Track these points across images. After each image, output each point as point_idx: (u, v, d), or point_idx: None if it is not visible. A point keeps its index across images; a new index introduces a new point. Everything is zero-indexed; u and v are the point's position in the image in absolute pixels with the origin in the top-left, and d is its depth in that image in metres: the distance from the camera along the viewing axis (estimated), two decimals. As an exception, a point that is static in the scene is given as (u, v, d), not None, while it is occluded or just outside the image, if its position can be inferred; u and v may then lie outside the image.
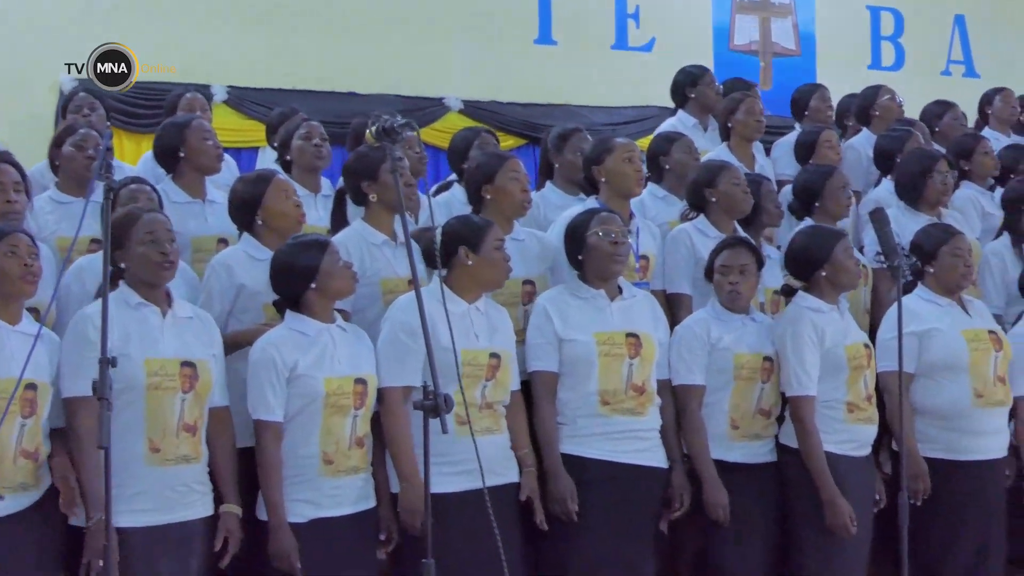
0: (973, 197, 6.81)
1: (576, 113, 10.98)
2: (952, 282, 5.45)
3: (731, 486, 5.04)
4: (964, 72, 12.76)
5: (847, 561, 5.08)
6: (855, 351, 5.15)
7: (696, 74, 7.39)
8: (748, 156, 6.87)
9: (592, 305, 4.97)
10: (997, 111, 8.21)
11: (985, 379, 5.34)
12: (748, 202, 5.70)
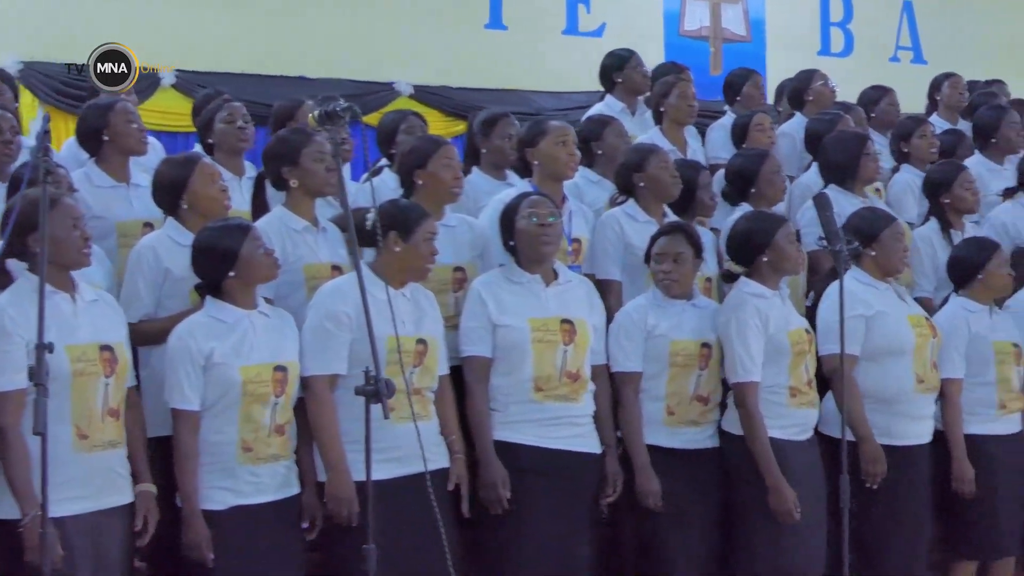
0: (910, 181, 6.84)
1: (527, 98, 11.02)
2: (891, 266, 5.47)
3: (667, 472, 5.03)
4: (912, 58, 12.84)
5: (796, 545, 5.07)
6: (797, 336, 5.16)
7: (623, 58, 7.35)
8: (681, 140, 6.86)
9: (527, 290, 4.94)
10: (945, 97, 8.24)
11: (925, 364, 5.38)
12: (677, 186, 5.66)
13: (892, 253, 5.45)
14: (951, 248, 6.02)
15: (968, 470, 5.50)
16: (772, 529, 5.02)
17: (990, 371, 5.61)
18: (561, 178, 5.56)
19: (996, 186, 6.83)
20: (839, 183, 6.28)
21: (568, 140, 5.53)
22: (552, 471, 4.83)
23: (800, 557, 5.10)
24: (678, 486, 5.04)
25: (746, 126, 6.90)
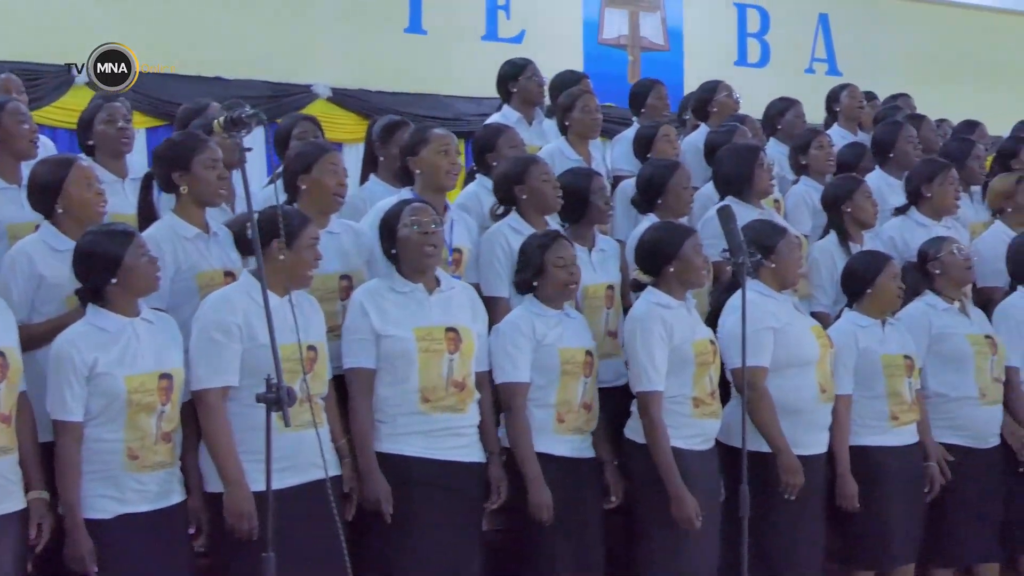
0: (806, 193, 6.91)
1: (445, 103, 11.07)
2: (788, 278, 5.53)
3: (557, 479, 5.03)
4: (827, 70, 13.02)
5: (694, 554, 5.12)
6: (702, 347, 5.19)
7: (519, 67, 7.26)
8: (586, 152, 6.84)
9: (410, 299, 4.88)
10: (844, 108, 8.29)
11: (826, 375, 5.44)
12: (557, 198, 5.62)
13: (789, 265, 5.51)
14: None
15: (851, 485, 5.55)
16: (672, 537, 5.07)
17: (880, 385, 5.67)
18: (442, 188, 5.49)
19: (894, 200, 6.89)
20: (735, 195, 6.29)
21: (450, 149, 5.46)
22: (441, 482, 4.81)
23: (697, 565, 5.15)
24: (566, 494, 5.04)
25: (650, 137, 6.87)
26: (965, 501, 5.88)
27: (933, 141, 7.78)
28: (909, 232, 6.50)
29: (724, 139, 6.83)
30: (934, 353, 5.93)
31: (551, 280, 5.16)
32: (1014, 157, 7.47)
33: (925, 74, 12.80)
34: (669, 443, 5.06)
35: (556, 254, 5.16)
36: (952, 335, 5.93)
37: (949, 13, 13.84)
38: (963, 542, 5.95)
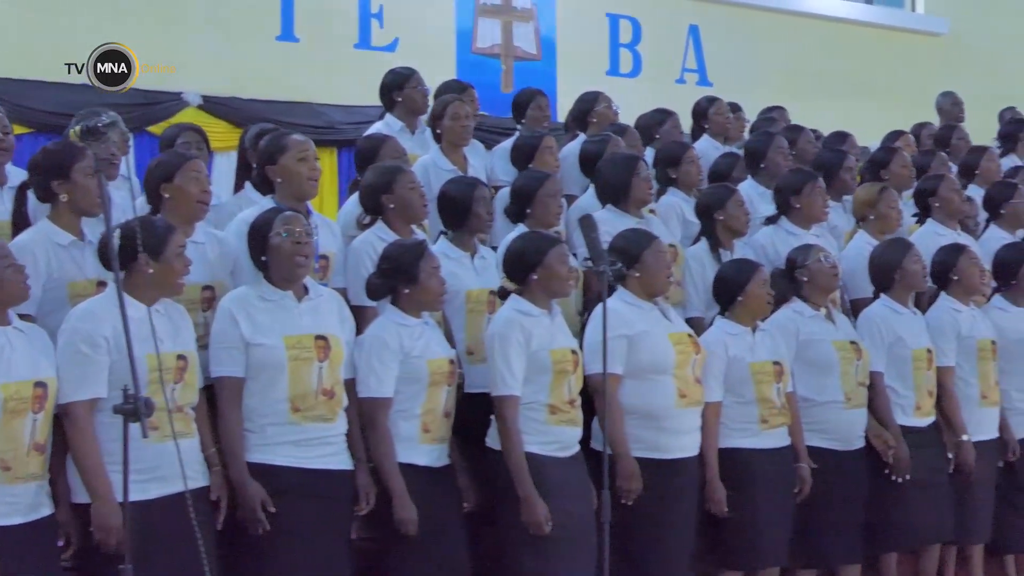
0: (676, 204, 6.99)
1: (318, 111, 10.99)
2: (655, 286, 5.59)
3: (423, 489, 5.04)
4: (698, 81, 13.17)
5: (555, 559, 5.15)
6: (561, 355, 5.23)
7: (403, 76, 7.31)
8: (460, 160, 6.87)
9: (280, 307, 4.85)
10: (711, 121, 8.44)
11: (687, 380, 5.50)
12: (423, 207, 5.69)
13: (655, 273, 5.57)
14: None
15: (720, 491, 5.65)
16: (531, 541, 5.10)
17: (749, 391, 5.78)
18: (302, 195, 5.42)
19: (765, 209, 7.01)
20: (614, 204, 6.39)
21: (309, 156, 5.42)
22: (311, 491, 4.79)
23: (561, 571, 5.18)
24: (429, 503, 5.05)
25: (529, 147, 6.90)
26: (830, 503, 6.01)
27: (809, 152, 7.92)
28: (780, 240, 6.61)
29: (598, 148, 6.92)
30: (801, 359, 6.06)
31: (425, 290, 5.15)
32: (884, 167, 7.63)
33: (794, 86, 13.01)
34: (522, 448, 5.12)
35: (431, 263, 5.18)
36: (818, 341, 6.06)
37: (818, 26, 14.09)
38: (828, 544, 6.07)
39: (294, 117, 10.40)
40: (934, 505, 6.32)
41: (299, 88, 10.98)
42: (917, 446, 6.25)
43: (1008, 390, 6.72)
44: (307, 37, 11.18)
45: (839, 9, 14.33)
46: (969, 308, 6.64)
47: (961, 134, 9.39)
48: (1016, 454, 6.69)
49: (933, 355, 6.38)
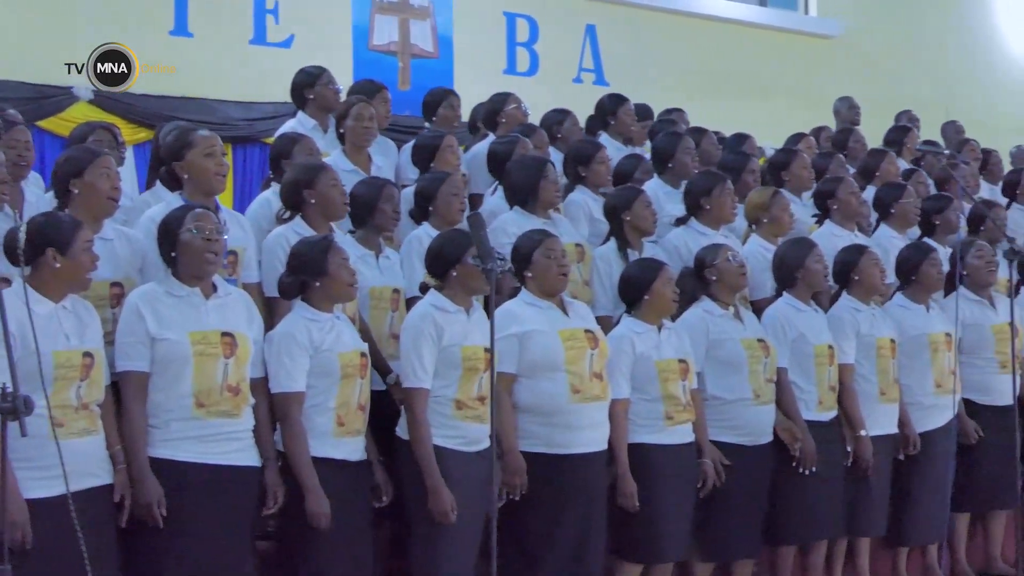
0: (584, 202, 7.04)
1: (212, 107, 10.83)
2: (549, 284, 5.63)
3: (338, 483, 5.06)
4: (595, 80, 13.21)
5: (453, 549, 5.22)
6: (472, 352, 5.28)
7: (314, 75, 7.32)
8: (363, 160, 6.86)
9: (187, 303, 4.85)
10: (618, 122, 8.50)
11: (582, 376, 5.53)
12: (345, 206, 5.74)
13: (545, 272, 5.62)
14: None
15: (630, 485, 5.71)
16: (430, 533, 5.18)
17: (655, 388, 5.84)
18: (210, 191, 5.43)
19: (672, 209, 7.11)
20: (521, 205, 6.48)
21: (216, 151, 5.43)
22: (214, 487, 4.78)
23: (456, 562, 5.25)
24: (346, 497, 5.08)
25: (430, 147, 6.90)
26: (734, 498, 6.10)
27: (713, 154, 8.05)
28: (692, 240, 6.69)
29: (506, 149, 6.99)
30: (711, 358, 6.15)
31: (335, 282, 5.18)
32: (785, 169, 7.73)
33: (690, 86, 13.13)
34: (430, 439, 5.19)
35: (339, 256, 5.21)
36: (727, 340, 6.16)
37: (713, 27, 14.21)
38: (732, 538, 6.18)
39: (188, 113, 10.23)
40: (831, 500, 6.45)
41: (193, 84, 10.80)
42: (818, 441, 6.35)
43: (909, 385, 6.87)
44: (201, 32, 11.00)
45: (734, 11, 14.47)
46: (869, 307, 6.77)
47: (858, 137, 9.59)
48: (916, 448, 6.82)
49: (834, 351, 6.49)
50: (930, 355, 6.87)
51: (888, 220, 7.73)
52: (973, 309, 7.19)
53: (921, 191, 8.33)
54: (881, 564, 7.05)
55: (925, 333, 6.88)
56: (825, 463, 6.36)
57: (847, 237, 7.24)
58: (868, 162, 8.69)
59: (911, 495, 6.89)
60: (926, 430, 6.85)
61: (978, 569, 7.40)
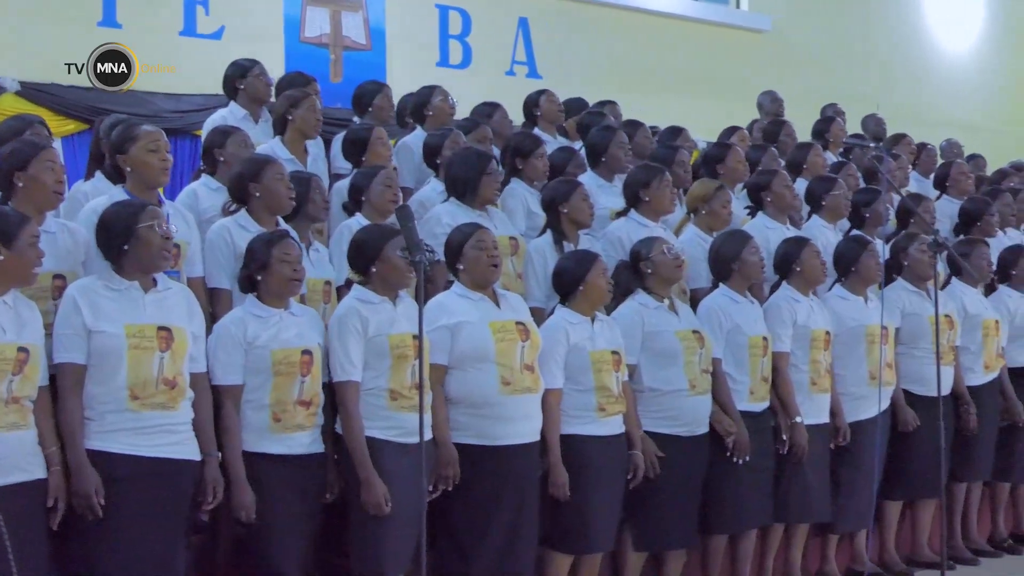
0: (521, 195, 7.06)
1: (143, 99, 10.69)
2: (480, 276, 5.64)
3: (275, 479, 5.08)
4: (528, 73, 13.23)
5: (391, 541, 5.22)
6: (400, 340, 5.28)
7: (245, 67, 7.33)
8: (301, 151, 6.86)
9: (125, 296, 4.84)
10: (543, 112, 8.53)
11: (512, 368, 5.54)
12: (291, 200, 5.77)
13: (475, 264, 5.63)
14: None
15: (562, 474, 5.72)
16: (369, 524, 5.19)
17: (588, 378, 5.85)
18: (154, 185, 5.49)
19: (606, 201, 7.14)
20: (460, 198, 6.47)
21: (160, 146, 5.47)
22: (148, 480, 4.76)
23: (391, 554, 5.25)
24: (283, 492, 5.09)
25: (360, 140, 6.92)
26: (669, 489, 6.15)
27: (646, 147, 8.08)
28: (633, 232, 6.72)
29: (439, 142, 7.01)
30: (647, 349, 6.17)
31: (275, 276, 5.20)
32: (720, 162, 7.77)
33: (623, 80, 13.17)
34: (362, 431, 5.21)
35: (282, 251, 5.22)
36: (662, 332, 6.18)
37: (646, 21, 14.28)
38: (665, 527, 6.22)
39: (118, 105, 10.02)
40: (762, 489, 6.53)
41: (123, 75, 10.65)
42: (751, 431, 6.42)
43: (843, 375, 6.95)
44: (130, 23, 10.87)
45: (666, 5, 14.54)
46: (808, 298, 6.83)
47: (788, 130, 9.65)
48: (847, 438, 6.89)
49: (769, 342, 6.56)
50: (866, 347, 6.96)
51: (820, 212, 7.81)
52: (912, 300, 7.29)
53: (851, 183, 8.41)
54: (810, 552, 7.14)
55: (863, 325, 6.97)
56: (756, 453, 6.43)
57: (780, 230, 7.32)
58: (795, 155, 8.78)
59: (841, 484, 6.97)
60: (857, 420, 6.94)
61: (905, 556, 7.50)
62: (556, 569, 5.94)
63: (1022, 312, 7.96)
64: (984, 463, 7.78)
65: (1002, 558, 7.89)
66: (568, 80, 11.48)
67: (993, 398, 7.77)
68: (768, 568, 6.83)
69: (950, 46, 17.58)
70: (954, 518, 7.76)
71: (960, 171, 9.57)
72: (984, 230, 8.41)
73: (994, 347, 7.73)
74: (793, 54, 15.20)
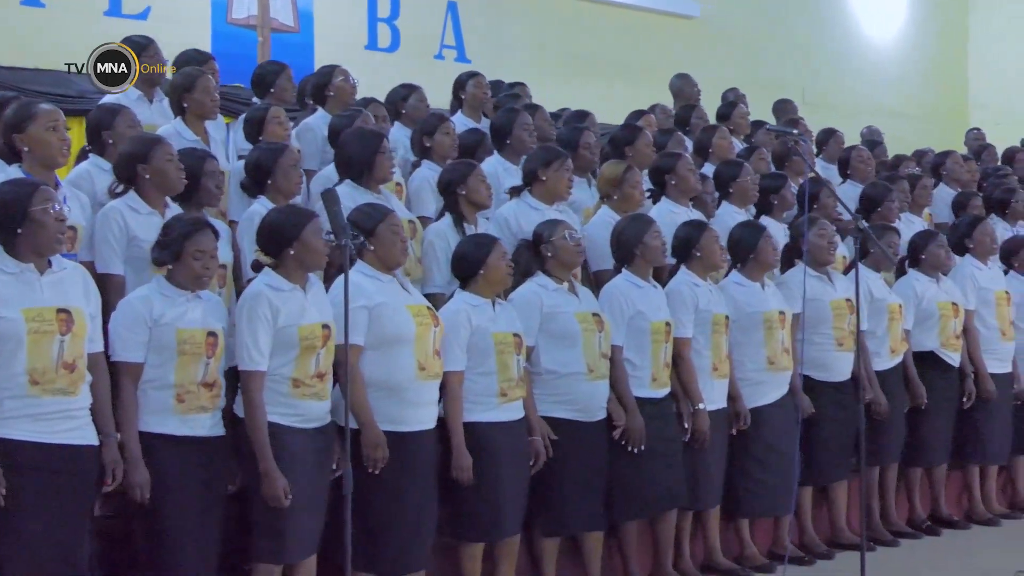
0: (431, 176, 7.02)
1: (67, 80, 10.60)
2: (391, 259, 5.63)
3: (174, 459, 5.04)
4: (456, 57, 13.25)
5: (295, 527, 5.19)
6: (310, 331, 5.24)
7: (140, 45, 7.22)
8: (202, 132, 6.80)
9: (20, 280, 4.71)
10: (470, 96, 8.51)
11: (427, 352, 5.55)
12: (181, 180, 5.67)
13: (390, 246, 5.62)
14: None
15: (465, 458, 5.74)
16: (269, 512, 5.14)
17: (491, 362, 5.86)
18: (52, 165, 5.41)
19: (510, 184, 7.11)
20: (355, 179, 6.41)
21: (59, 125, 5.39)
22: (50, 466, 4.68)
23: (295, 541, 5.23)
24: (184, 473, 5.05)
25: (257, 120, 6.90)
26: (572, 472, 6.17)
27: (546, 130, 8.06)
28: (524, 215, 6.73)
29: (347, 123, 6.94)
30: (545, 332, 6.18)
31: (186, 267, 5.14)
32: (629, 145, 7.81)
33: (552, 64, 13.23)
34: (265, 423, 5.14)
35: (197, 245, 5.14)
36: (561, 314, 6.19)
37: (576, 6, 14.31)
38: (570, 512, 6.24)
39: (41, 85, 10.05)
40: (668, 474, 6.55)
41: (46, 55, 10.58)
42: (653, 417, 6.45)
43: (741, 361, 7.01)
44: (54, 3, 10.83)
45: (598, -10, 14.60)
46: (707, 283, 6.87)
47: (700, 114, 9.69)
48: (747, 423, 6.96)
49: (671, 328, 6.58)
50: (764, 332, 7.01)
51: (728, 198, 7.85)
52: (813, 285, 7.30)
53: (762, 168, 8.49)
54: (728, 536, 7.20)
55: (760, 311, 7.02)
56: (660, 439, 6.46)
57: (684, 213, 7.33)
58: (702, 138, 8.81)
59: (745, 469, 7.04)
60: (756, 406, 7.00)
61: (825, 539, 7.60)
62: (470, 560, 5.94)
63: (929, 296, 8.06)
64: (894, 447, 7.88)
65: (921, 539, 7.99)
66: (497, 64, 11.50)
67: (899, 382, 7.87)
68: (686, 552, 6.87)
69: (874, 34, 17.74)
70: (871, 501, 7.84)
71: (860, 157, 9.64)
72: (884, 215, 8.50)
73: (899, 331, 7.83)
74: (721, 41, 15.30)
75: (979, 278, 8.45)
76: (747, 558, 7.17)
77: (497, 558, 6.03)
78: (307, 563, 5.35)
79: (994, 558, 7.30)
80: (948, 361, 8.17)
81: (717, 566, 7.01)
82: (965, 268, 8.48)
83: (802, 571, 7.13)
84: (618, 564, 6.63)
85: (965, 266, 8.49)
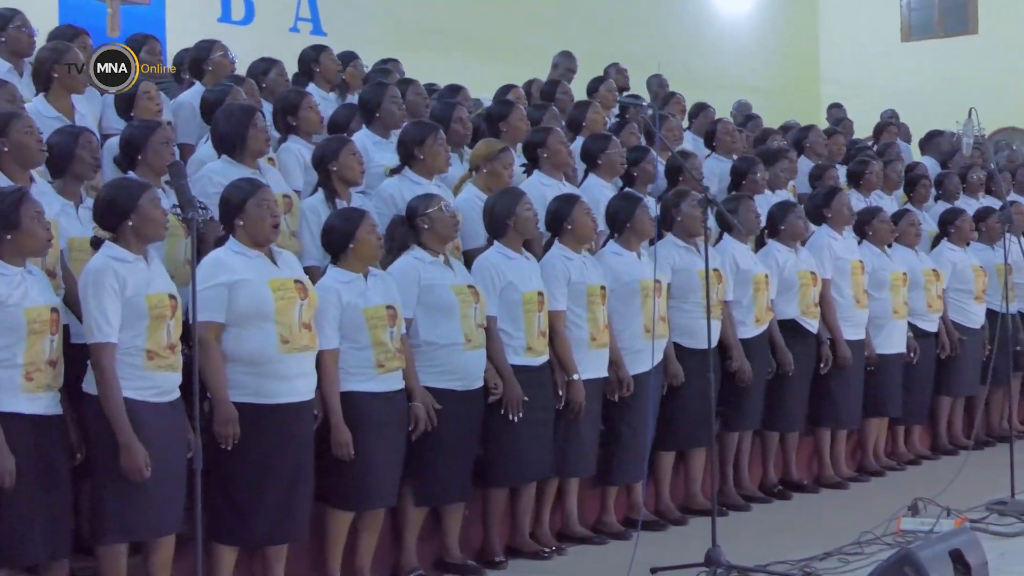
0: (298, 151, 6.98)
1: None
2: (260, 234, 5.59)
3: (31, 440, 4.94)
4: (312, 30, 13.14)
5: (147, 504, 5.13)
6: (158, 300, 5.18)
7: (6, 17, 7.09)
8: (67, 107, 6.67)
9: None
10: (322, 69, 8.46)
11: (291, 326, 5.51)
12: (41, 151, 5.61)
13: (258, 222, 5.58)
14: None
15: (344, 434, 5.75)
16: (123, 488, 5.07)
17: (364, 336, 5.87)
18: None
19: (381, 159, 7.12)
20: (229, 154, 6.38)
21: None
22: None
23: (152, 517, 5.18)
24: (41, 453, 4.97)
25: (127, 95, 6.78)
26: (448, 443, 6.22)
27: (419, 105, 8.06)
28: (407, 190, 6.71)
29: (219, 98, 6.90)
30: (423, 304, 6.21)
31: (27, 235, 5.02)
32: (503, 120, 7.82)
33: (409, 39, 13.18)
34: (120, 394, 5.07)
35: (32, 209, 5.04)
36: (438, 286, 6.23)
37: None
38: (443, 483, 6.28)
39: None
40: (542, 442, 6.64)
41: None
42: (528, 385, 6.52)
43: (620, 330, 7.10)
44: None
45: (456, -36, 14.57)
46: (580, 256, 6.94)
47: (565, 89, 9.78)
48: (630, 390, 7.04)
49: (544, 298, 6.63)
50: (640, 301, 7.10)
51: (596, 171, 7.91)
52: (683, 255, 7.47)
53: (632, 141, 8.57)
54: (589, 503, 7.29)
55: (637, 280, 7.10)
56: (535, 407, 6.53)
57: (556, 187, 7.39)
58: (574, 114, 8.88)
59: (619, 437, 7.15)
60: (634, 373, 7.08)
61: (679, 504, 7.72)
62: (336, 526, 5.94)
63: (790, 266, 8.22)
64: (755, 413, 8.07)
65: (772, 503, 8.17)
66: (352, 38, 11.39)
67: (763, 350, 8.04)
68: (545, 520, 6.94)
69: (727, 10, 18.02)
70: (726, 466, 8.02)
71: (725, 130, 9.81)
72: (750, 187, 8.65)
73: (764, 301, 7.99)
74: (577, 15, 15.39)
75: (835, 248, 8.63)
76: (605, 524, 7.27)
77: (359, 528, 6.04)
78: (165, 542, 5.29)
79: (841, 520, 7.43)
80: (807, 328, 8.35)
81: (573, 533, 7.09)
82: (821, 238, 8.65)
83: (656, 536, 7.22)
84: (476, 532, 6.67)
85: (821, 236, 8.67)
